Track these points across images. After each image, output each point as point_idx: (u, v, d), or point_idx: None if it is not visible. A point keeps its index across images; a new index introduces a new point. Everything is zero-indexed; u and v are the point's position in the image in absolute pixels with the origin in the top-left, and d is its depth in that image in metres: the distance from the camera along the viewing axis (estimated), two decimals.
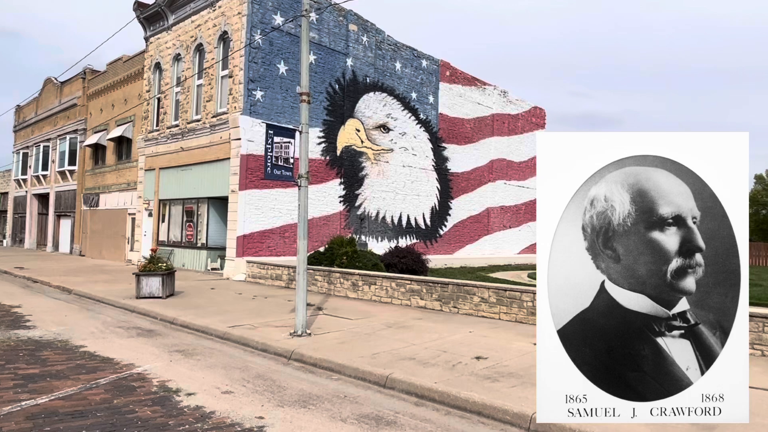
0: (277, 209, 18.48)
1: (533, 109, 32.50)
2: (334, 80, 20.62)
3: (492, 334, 8.71)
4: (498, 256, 28.22)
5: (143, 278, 12.14)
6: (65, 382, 5.84)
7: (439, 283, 11.54)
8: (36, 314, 10.36)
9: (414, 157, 24.16)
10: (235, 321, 9.44)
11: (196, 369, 6.61)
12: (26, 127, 36.93)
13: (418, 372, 6.16)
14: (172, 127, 21.40)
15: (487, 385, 5.63)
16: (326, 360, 6.83)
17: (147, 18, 22.81)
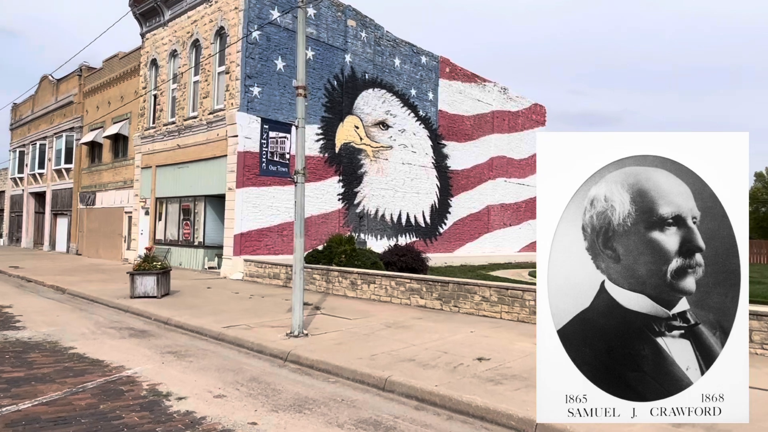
0: (275, 207, 18.46)
1: (533, 106, 32.51)
2: (333, 76, 20.59)
3: (494, 334, 8.65)
4: (498, 254, 28.28)
5: (138, 277, 12.10)
6: (51, 386, 5.69)
7: (440, 282, 11.47)
8: (27, 314, 10.24)
9: (413, 154, 24.16)
10: (231, 321, 9.39)
11: (188, 371, 6.48)
12: (23, 125, 36.94)
13: (419, 374, 6.08)
14: (168, 124, 21.37)
15: (490, 388, 5.55)
16: (323, 362, 6.74)
17: (143, 14, 22.79)
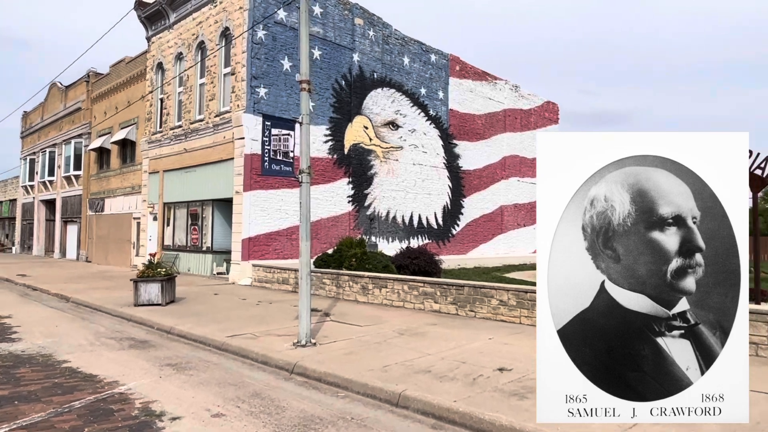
0: (283, 210, 18.63)
1: (546, 104, 32.45)
2: (340, 76, 20.76)
3: (514, 341, 8.35)
4: (512, 255, 28.27)
5: (141, 285, 12.08)
6: (34, 407, 5.43)
7: (455, 285, 11.29)
8: (25, 325, 10.15)
9: (424, 154, 24.27)
10: (236, 329, 9.26)
11: (186, 386, 6.24)
12: (33, 133, 37.78)
13: (435, 388, 5.82)
14: (175, 128, 21.70)
15: (514, 404, 5.23)
16: (332, 374, 6.50)
17: (148, 17, 23.20)
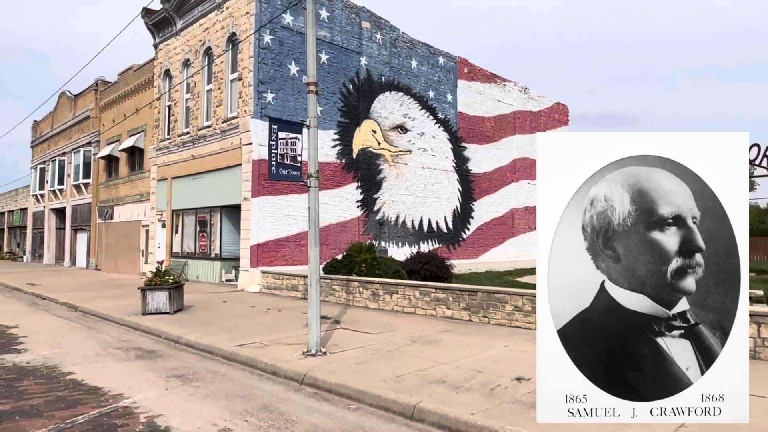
0: (292, 216, 18.77)
1: (555, 105, 32.42)
2: (348, 80, 20.93)
3: (531, 348, 8.12)
4: (524, 259, 28.20)
5: (149, 293, 12.12)
6: (35, 422, 5.29)
7: (467, 291, 11.22)
8: (32, 335, 10.18)
9: (433, 158, 24.35)
10: (244, 338, 9.21)
11: (193, 399, 6.20)
12: (43, 142, 38.47)
13: (451, 399, 5.71)
14: (183, 134, 21.98)
15: (535, 416, 5.20)
16: (343, 385, 6.40)
17: (155, 24, 23.57)
